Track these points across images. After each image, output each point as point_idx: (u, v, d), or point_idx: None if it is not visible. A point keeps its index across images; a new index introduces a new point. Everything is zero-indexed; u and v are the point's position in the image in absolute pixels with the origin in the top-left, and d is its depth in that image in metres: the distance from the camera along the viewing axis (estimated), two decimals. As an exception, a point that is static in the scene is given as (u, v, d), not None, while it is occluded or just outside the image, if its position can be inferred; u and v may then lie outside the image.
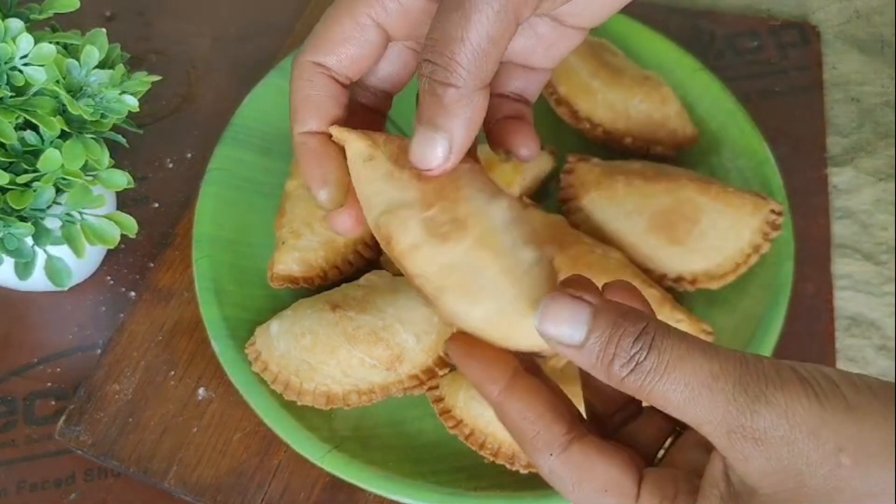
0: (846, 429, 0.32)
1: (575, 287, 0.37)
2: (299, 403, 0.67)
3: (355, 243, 0.74)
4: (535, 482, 0.65)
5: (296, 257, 0.72)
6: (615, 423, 0.43)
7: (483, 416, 0.65)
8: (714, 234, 0.72)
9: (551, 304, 0.36)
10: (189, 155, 0.82)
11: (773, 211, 0.73)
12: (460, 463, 0.67)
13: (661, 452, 0.41)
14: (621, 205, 0.73)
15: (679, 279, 0.72)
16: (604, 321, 0.35)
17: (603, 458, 0.38)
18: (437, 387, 0.68)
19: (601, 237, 0.73)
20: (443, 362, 0.68)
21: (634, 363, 0.34)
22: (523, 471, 0.65)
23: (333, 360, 0.66)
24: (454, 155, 0.40)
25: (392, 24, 0.43)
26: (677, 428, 0.42)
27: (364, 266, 0.74)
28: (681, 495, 0.37)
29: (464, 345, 0.40)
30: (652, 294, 0.70)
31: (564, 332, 0.35)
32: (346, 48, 0.43)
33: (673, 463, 0.40)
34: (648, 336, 0.34)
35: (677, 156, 0.79)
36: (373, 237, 0.75)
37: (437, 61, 0.38)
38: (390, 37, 0.44)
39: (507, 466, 0.65)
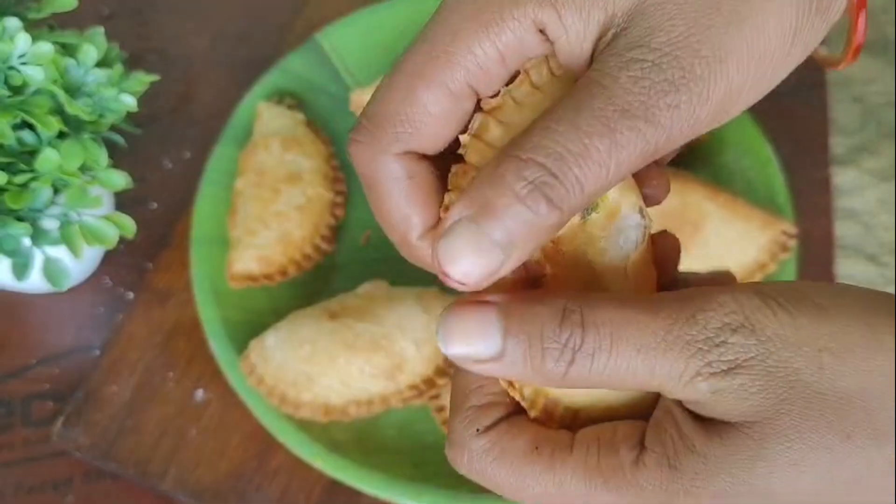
0: (822, 329, 0.29)
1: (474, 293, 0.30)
2: (297, 417, 0.66)
3: (312, 237, 0.74)
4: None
5: (253, 255, 0.72)
6: None
7: (484, 422, 0.65)
8: (717, 242, 0.71)
9: (451, 321, 0.30)
10: (188, 155, 0.82)
11: (784, 232, 0.72)
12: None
13: None
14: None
15: (677, 282, 0.72)
16: (518, 318, 0.29)
17: (527, 424, 0.32)
18: (438, 395, 0.68)
19: None
20: (442, 372, 0.67)
21: (571, 352, 0.29)
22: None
23: (332, 369, 0.66)
24: (497, 280, 0.30)
25: (481, 84, 0.32)
26: None
27: (322, 260, 0.75)
28: (622, 441, 0.31)
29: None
30: None
31: (478, 347, 0.30)
32: (443, 133, 0.32)
33: None
34: (575, 315, 0.29)
35: (685, 155, 0.78)
36: (330, 230, 0.77)
37: (557, 172, 0.28)
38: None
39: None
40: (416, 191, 0.32)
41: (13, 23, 0.60)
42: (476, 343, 0.30)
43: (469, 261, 0.28)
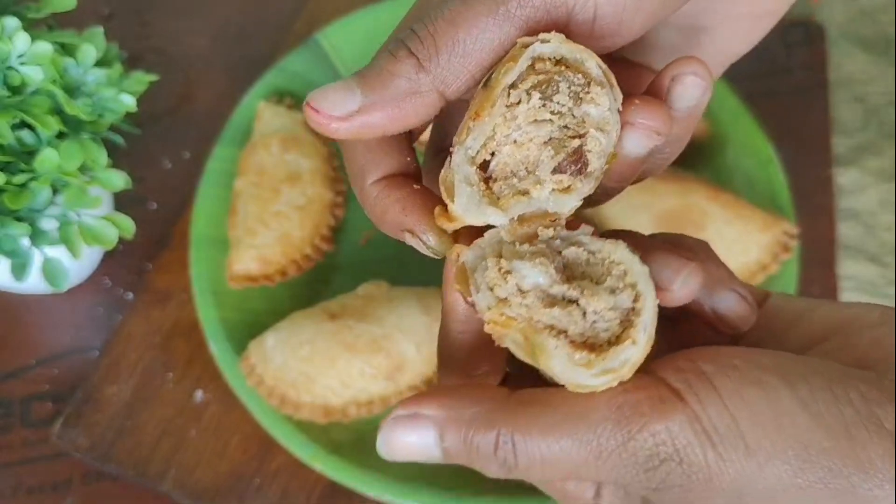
0: (749, 474, 0.30)
1: (411, 402, 0.33)
2: (296, 418, 0.66)
3: (312, 237, 0.74)
4: (536, 488, 0.64)
5: (253, 255, 0.72)
6: None
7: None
8: (719, 243, 0.71)
9: (392, 435, 0.33)
10: (187, 155, 0.82)
11: (786, 233, 0.72)
12: (461, 467, 0.66)
13: None
14: (629, 200, 0.72)
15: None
16: (454, 443, 0.32)
17: None
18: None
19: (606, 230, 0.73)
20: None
21: (507, 468, 0.32)
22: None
23: (333, 370, 0.66)
24: (360, 117, 0.33)
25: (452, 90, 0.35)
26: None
27: (322, 260, 0.74)
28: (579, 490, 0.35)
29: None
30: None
31: (420, 457, 0.33)
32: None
33: None
34: (507, 445, 0.31)
35: (687, 154, 0.78)
36: (329, 230, 0.77)
37: (419, 32, 0.33)
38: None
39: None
40: (376, 143, 0.35)
41: (12, 22, 0.60)
42: (418, 457, 0.33)
43: (330, 95, 0.33)
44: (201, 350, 0.70)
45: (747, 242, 0.71)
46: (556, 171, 0.33)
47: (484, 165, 0.33)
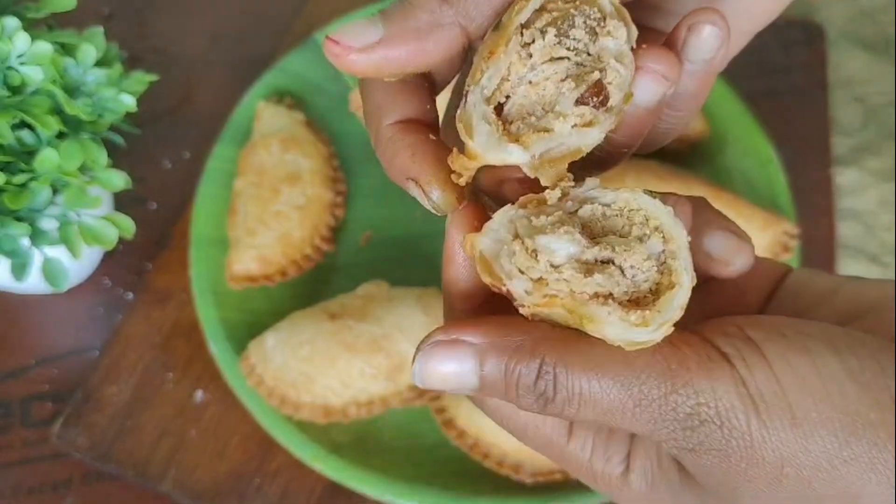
0: (792, 443, 0.30)
1: (452, 327, 0.32)
2: (296, 418, 0.66)
3: (312, 237, 0.74)
4: (539, 489, 0.64)
5: (253, 255, 0.72)
6: None
7: (487, 426, 0.65)
8: None
9: (429, 361, 0.32)
10: (187, 155, 0.82)
11: (786, 232, 0.72)
12: (462, 467, 0.66)
13: None
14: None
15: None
16: (493, 370, 0.31)
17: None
18: (438, 396, 0.67)
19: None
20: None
21: (544, 400, 0.31)
22: (528, 480, 0.64)
23: (332, 370, 0.66)
24: (380, 49, 0.32)
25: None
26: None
27: (322, 260, 0.74)
28: (615, 452, 0.34)
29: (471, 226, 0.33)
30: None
31: (451, 384, 0.32)
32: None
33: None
34: (548, 376, 0.31)
35: (687, 153, 0.78)
36: (329, 230, 0.77)
37: None
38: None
39: (512, 476, 0.65)
40: (395, 86, 0.34)
41: (12, 22, 0.60)
42: (453, 385, 0.32)
43: (351, 28, 0.32)
44: (201, 350, 0.70)
45: (747, 242, 0.71)
46: (577, 103, 0.32)
47: (498, 109, 0.32)
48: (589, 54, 0.32)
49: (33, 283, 0.65)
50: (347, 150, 0.80)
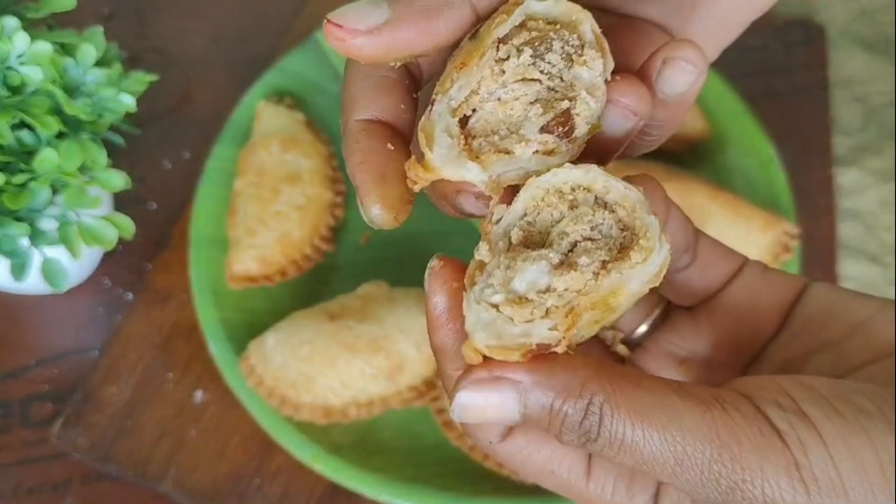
0: None
1: (494, 365, 0.31)
2: (296, 419, 0.66)
3: (311, 237, 0.74)
4: (539, 490, 0.64)
5: (253, 255, 0.72)
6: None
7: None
8: None
9: (470, 399, 0.31)
10: (187, 155, 0.82)
11: (786, 233, 0.72)
12: (462, 467, 0.66)
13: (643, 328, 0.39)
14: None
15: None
16: (537, 408, 0.30)
17: (546, 441, 0.33)
18: (438, 397, 0.67)
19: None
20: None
21: (586, 439, 0.30)
22: (528, 481, 0.64)
23: (333, 370, 0.66)
24: (387, 31, 0.31)
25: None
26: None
27: (322, 260, 0.74)
28: (638, 491, 0.34)
29: (450, 289, 0.32)
30: None
31: (492, 417, 0.31)
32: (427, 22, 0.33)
33: (641, 365, 0.38)
34: (595, 417, 0.30)
35: (687, 153, 0.78)
36: (329, 230, 0.77)
37: None
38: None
39: (513, 476, 0.65)
40: (379, 72, 0.33)
41: (12, 22, 0.60)
42: (492, 419, 0.31)
43: (354, 9, 0.31)
44: (201, 350, 0.70)
45: (748, 242, 0.71)
46: (542, 130, 0.31)
47: (463, 121, 0.31)
48: (562, 80, 0.31)
49: (33, 283, 0.65)
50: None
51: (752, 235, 0.71)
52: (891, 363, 0.33)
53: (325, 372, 0.66)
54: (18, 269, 0.63)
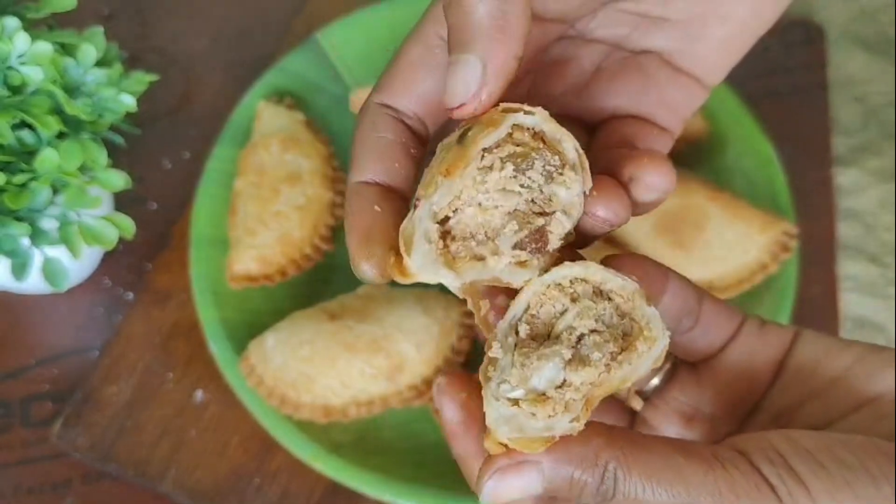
0: None
1: (512, 454, 0.33)
2: (296, 418, 0.66)
3: (311, 237, 0.74)
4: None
5: (253, 255, 0.72)
6: None
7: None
8: (719, 244, 0.71)
9: (499, 487, 0.33)
10: (187, 155, 0.82)
11: (785, 233, 0.72)
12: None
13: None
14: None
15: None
16: (559, 478, 0.33)
17: None
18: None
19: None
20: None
21: (603, 499, 0.33)
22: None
23: (333, 370, 0.66)
24: (490, 81, 0.32)
25: None
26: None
27: (322, 260, 0.74)
28: None
29: (460, 400, 0.36)
30: None
31: (520, 497, 0.33)
32: (414, 81, 0.36)
33: (650, 423, 0.41)
34: (610, 481, 0.33)
35: (687, 153, 0.78)
36: (329, 230, 0.77)
37: None
38: None
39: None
40: (378, 134, 0.36)
41: (12, 22, 0.60)
42: (519, 496, 0.33)
43: (458, 85, 0.33)
44: (201, 350, 0.70)
45: (747, 242, 0.71)
46: (515, 246, 0.33)
47: (444, 220, 0.33)
48: (542, 192, 0.33)
49: (33, 283, 0.65)
50: (347, 150, 0.79)
51: (752, 235, 0.71)
52: (871, 410, 0.36)
53: (325, 372, 0.66)
54: (19, 269, 0.64)
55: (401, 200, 0.36)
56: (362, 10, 0.84)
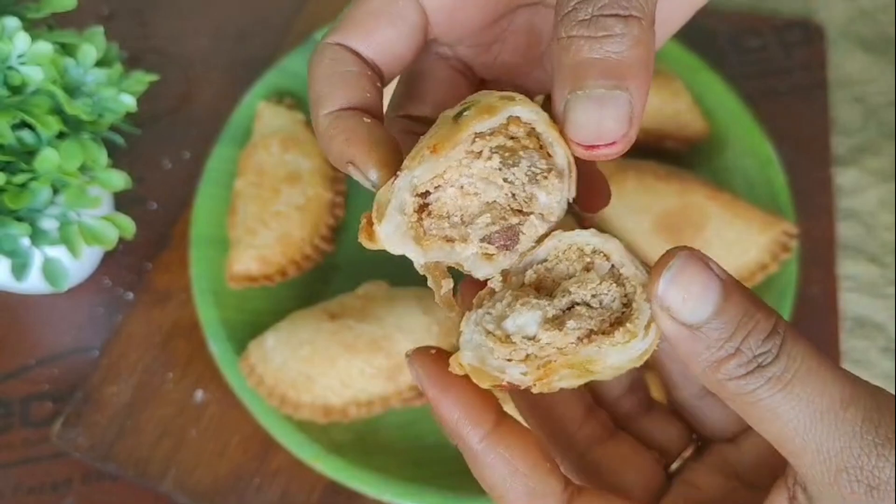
0: None
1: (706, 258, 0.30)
2: (296, 418, 0.66)
3: (312, 237, 0.74)
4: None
5: (253, 255, 0.72)
6: (623, 411, 0.40)
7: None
8: (718, 243, 0.71)
9: (685, 268, 0.29)
10: (187, 155, 0.82)
11: (785, 232, 0.72)
12: (462, 467, 0.65)
13: (678, 462, 0.38)
14: (629, 201, 0.72)
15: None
16: (734, 306, 0.29)
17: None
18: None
19: (605, 232, 0.73)
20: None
21: (756, 365, 0.28)
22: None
23: (333, 370, 0.66)
24: (636, 120, 0.30)
25: (433, 6, 0.35)
26: (694, 437, 0.39)
27: (322, 260, 0.74)
28: None
29: (436, 372, 0.33)
30: None
31: (688, 304, 0.29)
32: (377, 28, 0.35)
33: (694, 482, 0.37)
34: (778, 337, 0.29)
35: (687, 153, 0.78)
36: (329, 230, 0.77)
37: None
38: (429, 24, 0.36)
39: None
40: (340, 67, 0.35)
41: (12, 22, 0.60)
42: (690, 299, 0.29)
43: (609, 122, 0.30)
44: (201, 350, 0.70)
45: (747, 242, 0.71)
46: (484, 239, 0.33)
47: (425, 193, 0.33)
48: (524, 191, 0.33)
49: (33, 283, 0.65)
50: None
51: (752, 235, 0.71)
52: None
53: (325, 372, 0.66)
54: (19, 269, 0.64)
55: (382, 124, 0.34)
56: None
